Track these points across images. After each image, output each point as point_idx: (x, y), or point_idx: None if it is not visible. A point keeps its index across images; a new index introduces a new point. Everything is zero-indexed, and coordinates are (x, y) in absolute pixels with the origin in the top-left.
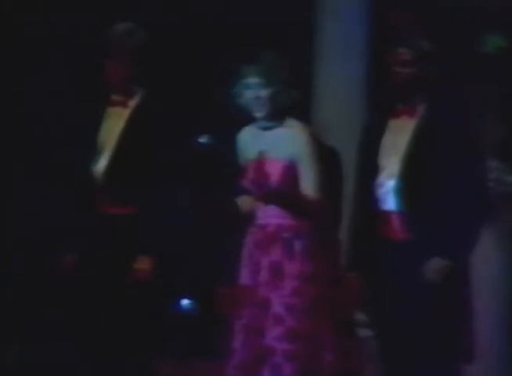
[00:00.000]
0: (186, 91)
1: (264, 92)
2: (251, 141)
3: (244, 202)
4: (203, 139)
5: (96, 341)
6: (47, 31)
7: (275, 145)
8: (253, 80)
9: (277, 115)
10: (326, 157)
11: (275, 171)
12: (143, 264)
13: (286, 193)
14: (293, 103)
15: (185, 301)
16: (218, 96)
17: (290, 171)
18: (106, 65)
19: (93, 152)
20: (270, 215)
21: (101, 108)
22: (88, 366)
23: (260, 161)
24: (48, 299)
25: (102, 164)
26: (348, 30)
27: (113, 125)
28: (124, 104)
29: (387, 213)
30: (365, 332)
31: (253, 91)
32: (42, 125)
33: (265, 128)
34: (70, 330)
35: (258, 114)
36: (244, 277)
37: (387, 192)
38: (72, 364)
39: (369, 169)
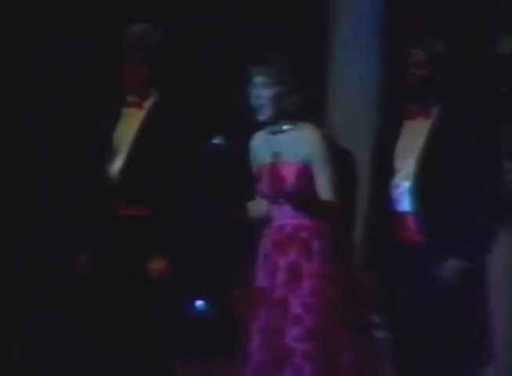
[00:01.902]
0: (201, 92)
1: (266, 92)
2: (264, 146)
3: (254, 207)
4: (217, 140)
5: (110, 342)
6: (60, 31)
7: (288, 148)
8: (258, 79)
9: (284, 118)
10: (340, 159)
11: (289, 174)
12: (157, 265)
13: (302, 195)
14: (296, 108)
15: (199, 303)
16: (232, 97)
17: (305, 174)
18: (122, 66)
19: (108, 153)
20: (287, 216)
21: (116, 109)
22: (103, 368)
23: (274, 165)
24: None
25: (117, 164)
26: (362, 32)
27: (128, 126)
28: (139, 105)
29: (402, 214)
30: (378, 333)
31: (256, 89)
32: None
33: (275, 132)
34: (83, 331)
35: (260, 117)
36: (261, 278)
37: (403, 193)
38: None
39: (384, 170)
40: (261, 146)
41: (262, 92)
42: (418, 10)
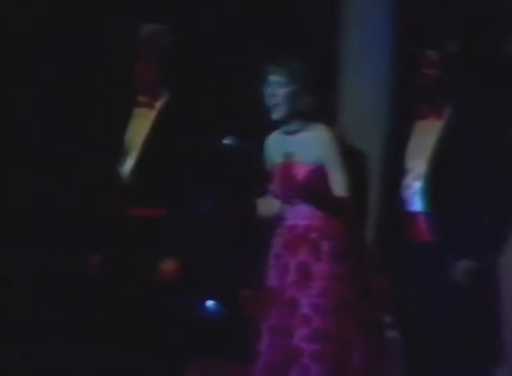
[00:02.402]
0: (212, 92)
1: (281, 91)
2: (276, 145)
3: (264, 205)
4: (228, 141)
5: (121, 342)
6: (61, 31)
7: (300, 148)
8: (273, 78)
9: (297, 118)
10: (352, 159)
11: (301, 174)
12: (168, 265)
13: (314, 189)
14: (311, 108)
15: (209, 303)
16: (243, 97)
17: (317, 174)
18: (134, 66)
19: (120, 153)
20: (298, 216)
21: (127, 109)
22: (114, 369)
23: (286, 164)
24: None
25: (128, 165)
26: (373, 32)
27: (140, 126)
28: (150, 105)
29: (414, 214)
30: (389, 333)
31: (271, 88)
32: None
33: (289, 133)
34: (93, 332)
35: (274, 115)
36: (272, 278)
37: (414, 193)
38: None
39: (396, 171)
40: (274, 146)
41: (277, 91)
42: (429, 10)
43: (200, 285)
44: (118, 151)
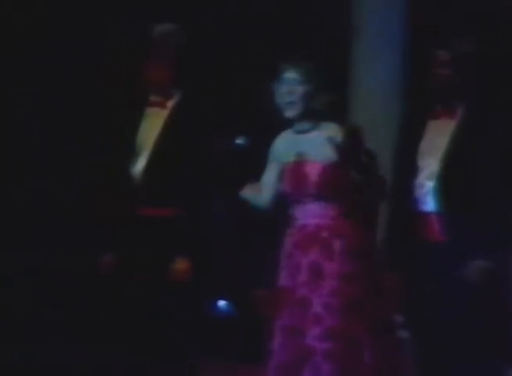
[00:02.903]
0: (224, 92)
1: (298, 89)
2: (288, 145)
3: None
4: (240, 140)
5: (133, 342)
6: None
7: (312, 148)
8: (290, 75)
9: (311, 118)
10: (363, 158)
11: (313, 173)
12: (180, 265)
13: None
14: (324, 107)
15: (221, 303)
16: (256, 97)
17: (329, 172)
18: (147, 65)
19: (131, 153)
20: (309, 215)
21: (139, 109)
22: (126, 368)
23: (298, 163)
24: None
25: (140, 165)
26: (386, 32)
27: (152, 126)
28: (162, 105)
29: (426, 214)
30: (402, 333)
31: (287, 85)
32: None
33: (301, 132)
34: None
35: (289, 113)
36: (284, 278)
37: (426, 193)
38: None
39: (408, 170)
40: (286, 145)
41: (294, 89)
42: (441, 10)
43: (211, 285)
44: (130, 151)
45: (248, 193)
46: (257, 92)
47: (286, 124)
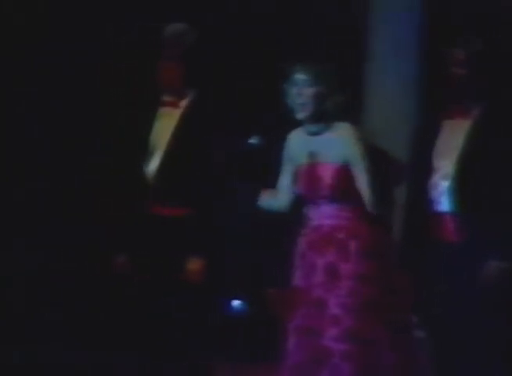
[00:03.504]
0: (237, 91)
1: (308, 90)
2: (301, 146)
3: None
4: (253, 140)
5: (146, 342)
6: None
7: (325, 148)
8: (300, 76)
9: (322, 118)
10: (377, 158)
11: (327, 174)
12: (194, 265)
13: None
14: (337, 108)
15: (235, 303)
16: (268, 96)
17: (343, 174)
18: (159, 65)
19: (145, 153)
20: (323, 216)
21: (152, 109)
22: (140, 368)
23: (311, 165)
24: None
25: (153, 164)
26: (400, 30)
27: (165, 126)
28: (175, 105)
29: (441, 214)
30: (418, 333)
31: (298, 87)
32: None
33: (314, 133)
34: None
35: (300, 115)
36: (298, 278)
37: (441, 193)
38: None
39: (423, 170)
40: (298, 146)
41: (304, 90)
42: (456, 9)
43: (225, 285)
44: (143, 151)
45: (265, 199)
46: (273, 92)
47: (299, 123)
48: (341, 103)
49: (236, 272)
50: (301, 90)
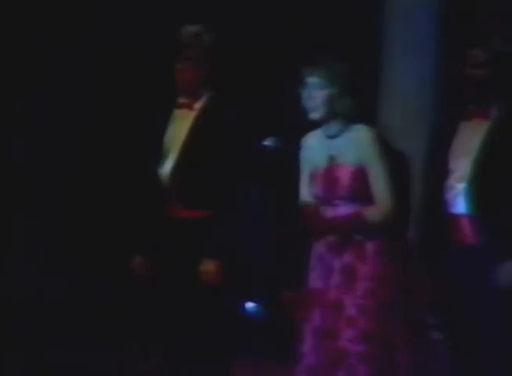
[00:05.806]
0: (252, 93)
1: (319, 93)
2: (319, 148)
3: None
4: (268, 142)
5: (165, 343)
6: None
7: (342, 150)
8: (311, 80)
9: (337, 120)
10: (394, 160)
11: (344, 176)
12: (209, 267)
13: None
14: (350, 110)
15: (250, 305)
16: (283, 98)
17: (360, 175)
18: (175, 67)
19: (159, 155)
20: None
21: (167, 110)
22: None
23: (330, 167)
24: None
25: (168, 166)
26: (418, 31)
27: (180, 128)
28: (190, 106)
29: (457, 216)
30: (433, 334)
31: (309, 90)
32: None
33: (331, 136)
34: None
35: (313, 115)
36: (314, 280)
37: (457, 195)
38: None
39: (439, 171)
40: (317, 149)
41: (315, 93)
42: (477, 8)
43: (242, 286)
44: (158, 153)
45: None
46: (288, 94)
47: (315, 125)
48: (355, 104)
49: (251, 274)
50: (312, 93)
